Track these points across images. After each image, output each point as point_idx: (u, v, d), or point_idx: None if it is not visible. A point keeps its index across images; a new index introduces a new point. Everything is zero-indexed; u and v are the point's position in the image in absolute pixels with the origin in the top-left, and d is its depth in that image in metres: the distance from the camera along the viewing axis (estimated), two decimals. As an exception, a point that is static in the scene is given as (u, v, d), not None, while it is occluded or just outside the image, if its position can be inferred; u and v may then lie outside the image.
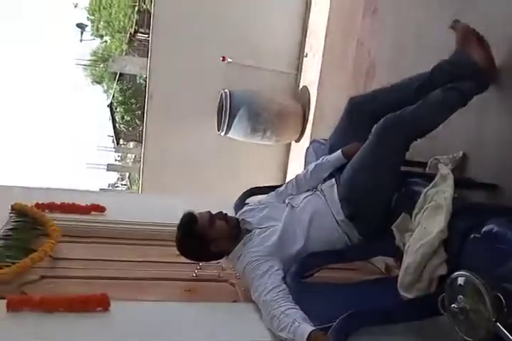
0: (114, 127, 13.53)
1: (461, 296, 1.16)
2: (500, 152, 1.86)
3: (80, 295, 1.53)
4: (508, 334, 1.05)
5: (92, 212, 2.42)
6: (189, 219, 1.85)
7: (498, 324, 1.07)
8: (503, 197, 1.78)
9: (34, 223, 2.21)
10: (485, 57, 1.82)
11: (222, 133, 4.27)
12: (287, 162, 4.72)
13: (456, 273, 1.19)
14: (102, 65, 15.97)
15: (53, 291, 1.67)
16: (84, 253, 2.11)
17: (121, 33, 14.99)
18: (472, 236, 1.31)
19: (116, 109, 13.35)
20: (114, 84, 13.69)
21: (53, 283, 1.82)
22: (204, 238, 1.81)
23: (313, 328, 1.38)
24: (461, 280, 1.17)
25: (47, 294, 1.58)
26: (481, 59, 1.81)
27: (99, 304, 1.52)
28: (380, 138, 1.75)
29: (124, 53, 13.31)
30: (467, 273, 1.15)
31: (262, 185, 2.50)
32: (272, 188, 2.18)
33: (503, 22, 1.89)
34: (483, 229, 1.26)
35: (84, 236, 2.27)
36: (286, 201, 1.98)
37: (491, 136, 1.92)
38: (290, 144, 4.66)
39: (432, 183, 1.58)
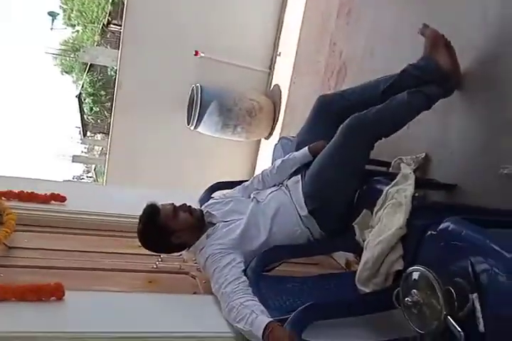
0: (82, 118, 13.24)
1: (414, 290, 1.19)
2: (460, 154, 1.92)
3: (33, 284, 1.48)
4: (457, 327, 1.09)
5: (52, 202, 2.36)
6: (151, 210, 1.83)
7: (449, 317, 1.10)
8: (461, 197, 1.84)
9: (-11, 211, 2.14)
10: (451, 63, 1.88)
11: (192, 128, 4.24)
12: (256, 158, 4.73)
13: (411, 268, 1.22)
14: (72, 55, 15.61)
15: (6, 280, 1.61)
16: (41, 243, 2.06)
17: (93, 23, 14.69)
18: (429, 233, 1.34)
19: (84, 100, 13.07)
20: (84, 75, 13.40)
21: (7, 272, 1.77)
22: (166, 229, 1.80)
23: (271, 319, 1.39)
24: (415, 275, 1.20)
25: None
26: (447, 65, 1.87)
27: (53, 293, 1.48)
28: (346, 137, 1.78)
29: (96, 44, 13.05)
30: (421, 268, 1.18)
31: (228, 180, 2.50)
32: (238, 183, 2.19)
33: (469, 28, 1.95)
34: (440, 227, 1.29)
35: (42, 226, 2.21)
36: (252, 195, 1.99)
37: (453, 138, 1.98)
38: (260, 141, 4.67)
39: (393, 182, 1.62)
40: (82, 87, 13.23)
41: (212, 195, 2.33)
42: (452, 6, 2.09)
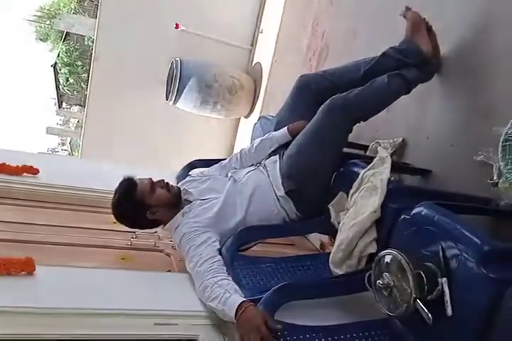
0: (57, 89, 12.86)
1: (386, 273, 1.21)
2: (436, 140, 1.94)
3: (3, 257, 1.45)
4: (426, 310, 1.11)
5: (24, 174, 2.29)
6: (128, 184, 1.80)
7: (418, 301, 1.13)
8: (435, 182, 1.87)
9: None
10: (432, 47, 1.89)
11: (171, 103, 4.17)
12: (235, 137, 4.70)
13: (384, 252, 1.24)
14: (48, 22, 15.04)
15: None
16: (12, 216, 2.02)
17: (71, -11, 14.13)
18: (402, 217, 1.36)
19: (60, 70, 12.67)
20: (60, 44, 12.96)
21: (-26, 245, 1.73)
22: (142, 204, 1.78)
23: (244, 299, 1.39)
24: (388, 258, 1.22)
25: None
26: (427, 49, 1.88)
27: (23, 268, 1.45)
28: (325, 118, 1.78)
29: (73, 12, 12.58)
30: (394, 252, 1.19)
31: (206, 158, 2.48)
32: (216, 161, 2.17)
33: (451, 13, 1.95)
34: (413, 211, 1.31)
35: (13, 198, 2.16)
36: (229, 174, 1.98)
37: (429, 124, 1.99)
38: (239, 119, 4.63)
39: (370, 165, 1.63)
40: (58, 56, 12.81)
41: (189, 173, 2.31)
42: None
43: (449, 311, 1.10)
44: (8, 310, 1.30)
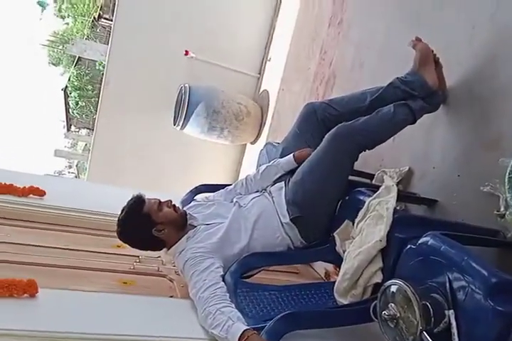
0: (67, 112, 13.05)
1: (392, 304, 1.19)
2: (443, 169, 1.94)
3: (6, 279, 1.44)
4: (432, 342, 1.09)
5: (31, 195, 2.31)
6: (137, 199, 1.82)
7: (425, 333, 1.11)
8: (441, 212, 1.86)
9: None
10: (438, 80, 1.91)
11: (178, 128, 4.21)
12: (241, 163, 4.72)
13: (389, 282, 1.22)
14: (60, 47, 15.39)
15: (-23, 274, 1.56)
16: (17, 237, 2.02)
17: (84, 16, 14.52)
18: (408, 246, 1.35)
19: (70, 93, 12.89)
20: (72, 68, 13.23)
21: (-22, 266, 1.73)
22: (149, 219, 1.78)
23: (247, 327, 1.37)
24: (394, 289, 1.20)
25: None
26: (433, 81, 1.90)
27: (25, 290, 1.44)
28: (331, 146, 1.79)
29: (85, 38, 12.89)
30: (400, 282, 1.18)
31: (212, 183, 2.48)
32: (222, 186, 2.18)
33: (457, 45, 1.98)
34: (419, 241, 1.31)
35: (18, 220, 2.17)
36: (234, 200, 1.98)
37: (436, 153, 2.00)
38: (245, 145, 4.66)
39: (376, 193, 1.63)
40: (69, 80, 13.05)
41: (195, 198, 2.31)
42: (442, 21, 2.12)
43: (456, 344, 1.08)
44: (10, 333, 1.29)
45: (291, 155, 1.98)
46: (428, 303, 1.13)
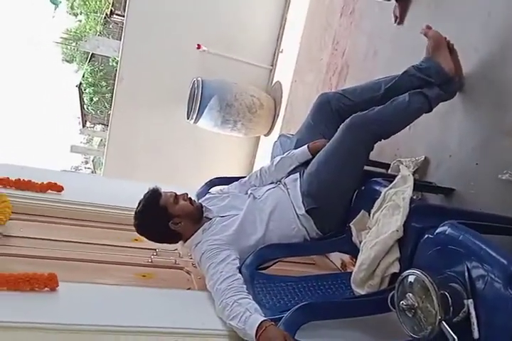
0: (82, 109, 13.17)
1: (410, 294, 1.18)
2: (460, 158, 1.91)
3: (27, 273, 1.47)
4: (451, 333, 1.08)
5: (49, 191, 2.34)
6: (154, 193, 1.84)
7: (444, 323, 1.10)
8: (458, 201, 1.84)
9: (-15, 198, 2.13)
10: (453, 66, 1.88)
11: (192, 122, 4.22)
12: (255, 155, 4.71)
13: (407, 272, 1.21)
14: (74, 44, 15.51)
15: (0, 269, 1.60)
16: (36, 232, 2.05)
17: (96, 13, 14.58)
18: (426, 236, 1.34)
19: (85, 90, 12.99)
20: (85, 65, 13.33)
21: (1, 260, 1.76)
22: (165, 212, 1.79)
23: (265, 318, 1.38)
24: (411, 279, 1.19)
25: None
26: (449, 67, 1.87)
27: (46, 284, 1.47)
28: (346, 136, 1.78)
29: (98, 34, 12.96)
30: (417, 272, 1.17)
31: (226, 176, 2.49)
32: (236, 179, 2.18)
33: (472, 31, 1.95)
34: (437, 231, 1.29)
35: (38, 215, 2.20)
36: (249, 192, 1.98)
37: (453, 142, 1.97)
38: (259, 138, 4.66)
39: (392, 183, 1.61)
40: (83, 76, 13.16)
41: (209, 190, 2.32)
42: (456, 7, 2.08)
43: (476, 334, 1.07)
44: (32, 326, 1.32)
45: (306, 146, 1.96)
46: (446, 293, 1.12)
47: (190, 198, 1.88)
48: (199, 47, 4.26)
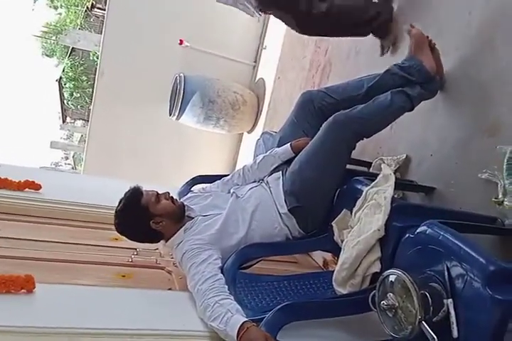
0: (62, 104, 12.97)
1: (390, 294, 1.19)
2: (440, 156, 1.93)
3: (2, 275, 1.43)
4: (431, 332, 1.09)
5: (26, 189, 2.29)
6: (135, 191, 1.81)
7: (424, 322, 1.10)
8: (439, 199, 1.86)
9: (-40, 197, 2.08)
10: (435, 65, 1.90)
11: (174, 118, 4.18)
12: (238, 152, 4.70)
13: (387, 271, 1.22)
14: (54, 38, 15.25)
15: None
16: (13, 232, 2.00)
17: (77, 6, 14.35)
18: (407, 236, 1.34)
19: (65, 84, 12.80)
20: (66, 59, 13.11)
21: (-25, 261, 1.72)
22: (147, 211, 1.77)
23: (246, 319, 1.37)
24: (392, 278, 1.20)
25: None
26: (431, 66, 1.88)
27: (22, 285, 1.43)
28: (328, 135, 1.78)
29: (79, 28, 12.76)
30: (398, 272, 1.18)
31: (208, 174, 2.47)
32: (219, 177, 2.16)
33: (453, 30, 1.96)
34: (417, 230, 1.30)
35: (14, 214, 2.15)
36: (231, 191, 1.97)
37: (434, 140, 1.99)
38: (242, 135, 4.64)
39: (373, 182, 1.61)
40: (63, 71, 12.95)
41: (191, 189, 2.30)
42: (438, 6, 2.09)
43: (455, 333, 1.08)
44: (8, 330, 1.28)
45: (288, 144, 1.96)
46: (426, 292, 1.13)
47: (171, 197, 1.86)
48: (181, 42, 4.22)
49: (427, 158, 1.99)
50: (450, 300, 1.11)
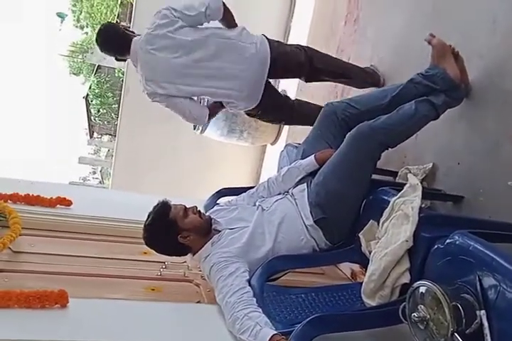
0: (89, 120, 13.30)
1: (421, 305, 1.17)
2: (468, 165, 1.90)
3: (37, 290, 1.48)
4: (464, 344, 1.07)
5: (58, 206, 2.36)
6: (163, 206, 1.83)
7: (456, 334, 1.08)
8: (468, 208, 1.83)
9: (-4, 214, 2.14)
10: (459, 72, 1.88)
11: (198, 132, 4.23)
12: (261, 164, 4.72)
13: (418, 283, 1.20)
14: (80, 57, 15.70)
15: (9, 286, 1.60)
16: (46, 248, 2.05)
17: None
18: (436, 246, 1.33)
19: (92, 101, 13.13)
20: (92, 76, 13.47)
21: (12, 277, 1.76)
22: (175, 226, 1.78)
23: (275, 332, 1.37)
24: (422, 290, 1.19)
25: (2, 289, 1.52)
26: (455, 74, 1.86)
27: (57, 300, 1.47)
28: (353, 146, 1.78)
29: (104, 46, 13.09)
30: (428, 283, 1.16)
31: (234, 186, 2.49)
32: (244, 190, 2.18)
33: (478, 37, 1.94)
34: (447, 241, 1.28)
35: (47, 230, 2.21)
36: (257, 203, 1.98)
37: (461, 149, 1.96)
38: (265, 147, 4.66)
39: (400, 192, 1.60)
40: (90, 88, 13.30)
41: (217, 202, 2.32)
42: (461, 14, 2.08)
43: (490, 345, 1.06)
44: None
45: (313, 156, 1.96)
46: (458, 304, 1.11)
47: (199, 211, 1.88)
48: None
49: (455, 167, 1.97)
50: (483, 311, 1.09)
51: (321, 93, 3.47)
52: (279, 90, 3.19)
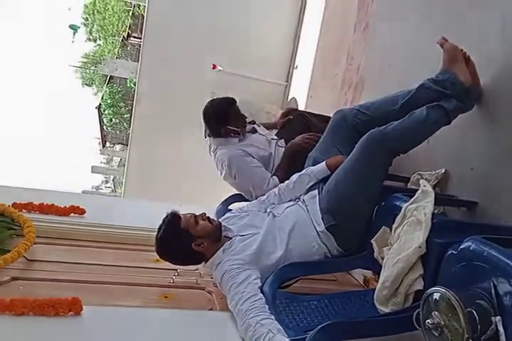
0: (102, 129, 13.45)
1: (435, 312, 1.16)
2: (481, 170, 1.88)
3: (51, 298, 1.49)
4: (480, 351, 1.06)
5: (71, 214, 2.39)
6: (173, 217, 1.83)
7: (471, 341, 1.07)
8: (481, 214, 1.80)
9: (11, 223, 2.17)
10: (470, 77, 1.86)
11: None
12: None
13: (431, 289, 1.19)
14: (93, 68, 15.92)
15: (24, 294, 1.62)
16: (60, 256, 2.07)
17: (114, 36, 14.99)
18: (449, 252, 1.32)
19: (104, 111, 13.29)
20: (104, 87, 13.63)
21: (26, 285, 1.79)
22: (188, 234, 1.78)
23: (288, 339, 1.36)
24: (436, 296, 1.17)
25: (17, 296, 1.53)
26: (466, 79, 1.85)
27: (70, 308, 1.48)
28: (364, 152, 1.77)
29: (116, 57, 13.28)
30: (442, 289, 1.15)
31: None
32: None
33: (490, 42, 1.93)
34: (461, 246, 1.27)
35: (61, 238, 2.23)
36: (268, 210, 1.98)
37: (473, 154, 1.94)
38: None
39: (412, 198, 1.59)
40: (102, 98, 13.46)
41: (228, 207, 2.33)
42: (472, 19, 2.07)
43: (506, 352, 1.04)
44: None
45: (324, 162, 1.96)
46: (473, 310, 1.09)
47: (208, 217, 1.88)
48: (214, 67, 4.32)
49: (467, 172, 1.95)
50: (498, 317, 1.08)
51: (330, 100, 3.48)
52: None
